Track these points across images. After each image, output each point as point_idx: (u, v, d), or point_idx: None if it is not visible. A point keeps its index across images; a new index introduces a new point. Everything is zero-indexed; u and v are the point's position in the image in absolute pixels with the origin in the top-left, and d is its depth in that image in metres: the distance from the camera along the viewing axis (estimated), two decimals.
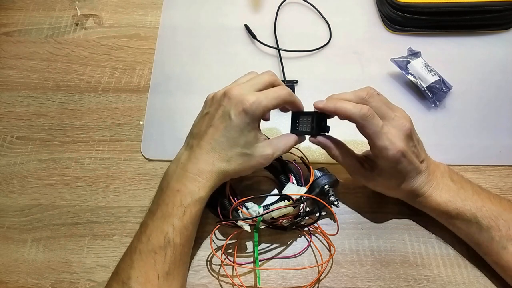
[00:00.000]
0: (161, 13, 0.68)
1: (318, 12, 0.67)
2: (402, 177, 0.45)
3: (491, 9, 0.61)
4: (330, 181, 0.49)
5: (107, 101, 0.61)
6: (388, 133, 0.43)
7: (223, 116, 0.43)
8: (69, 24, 0.68)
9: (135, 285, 0.40)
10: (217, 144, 0.44)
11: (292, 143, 0.48)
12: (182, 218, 0.42)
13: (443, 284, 0.47)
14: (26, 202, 0.53)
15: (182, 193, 0.43)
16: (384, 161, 0.44)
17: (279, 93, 0.45)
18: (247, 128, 0.43)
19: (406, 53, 0.61)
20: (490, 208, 0.45)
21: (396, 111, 0.46)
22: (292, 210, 0.46)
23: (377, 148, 0.44)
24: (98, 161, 0.56)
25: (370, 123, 0.43)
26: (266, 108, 0.43)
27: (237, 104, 0.43)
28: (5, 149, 0.57)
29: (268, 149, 0.45)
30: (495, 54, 0.63)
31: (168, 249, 0.41)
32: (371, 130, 0.43)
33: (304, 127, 0.48)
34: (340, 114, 0.44)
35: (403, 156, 0.43)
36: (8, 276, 0.49)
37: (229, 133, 0.43)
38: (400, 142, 0.43)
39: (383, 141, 0.43)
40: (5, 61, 0.64)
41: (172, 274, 0.41)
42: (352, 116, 0.43)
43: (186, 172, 0.44)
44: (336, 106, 0.44)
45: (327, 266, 0.48)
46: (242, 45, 0.65)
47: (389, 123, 0.44)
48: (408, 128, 0.44)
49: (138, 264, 0.41)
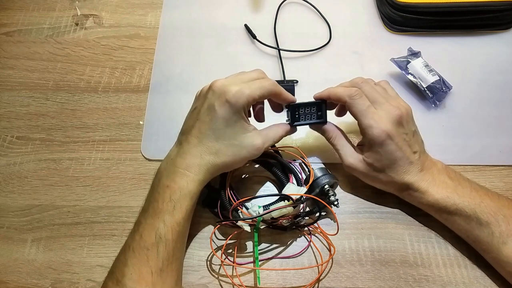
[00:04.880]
0: (161, 13, 0.68)
1: (318, 12, 0.67)
2: (389, 162, 0.46)
3: (491, 9, 0.61)
4: (330, 181, 0.49)
5: (107, 101, 0.61)
6: (374, 113, 0.46)
7: (208, 108, 0.44)
8: (69, 24, 0.68)
9: (129, 283, 0.40)
10: (204, 137, 0.44)
11: (283, 133, 0.48)
12: (172, 213, 0.42)
13: (443, 284, 0.47)
14: (26, 202, 0.53)
15: (172, 188, 0.43)
16: (370, 140, 0.46)
17: (263, 83, 0.45)
18: (233, 119, 0.43)
19: (406, 53, 0.61)
20: (489, 204, 0.45)
21: (392, 101, 0.47)
22: (292, 210, 0.46)
23: (363, 126, 0.46)
24: (98, 161, 0.56)
25: (356, 102, 0.46)
26: (250, 97, 0.43)
27: (220, 95, 0.43)
28: (5, 149, 0.57)
29: (257, 139, 0.45)
30: (495, 54, 0.63)
31: (160, 245, 0.41)
32: (357, 108, 0.46)
33: (309, 117, 0.49)
34: (332, 97, 0.48)
35: (389, 139, 0.45)
36: (8, 276, 0.49)
37: (214, 125, 0.43)
38: (386, 124, 0.45)
39: (368, 119, 0.45)
40: (5, 61, 0.65)
41: (165, 270, 0.41)
42: (341, 97, 0.47)
43: (175, 167, 0.44)
44: (329, 91, 0.49)
45: (327, 266, 0.48)
46: (242, 45, 0.65)
47: (378, 106, 0.46)
48: (398, 114, 0.45)
49: (131, 262, 0.41)
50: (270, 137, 0.46)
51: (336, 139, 0.49)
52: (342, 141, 0.49)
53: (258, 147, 0.45)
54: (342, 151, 0.49)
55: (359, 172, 0.49)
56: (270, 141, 0.46)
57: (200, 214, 0.51)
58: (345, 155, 0.49)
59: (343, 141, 0.49)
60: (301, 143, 0.56)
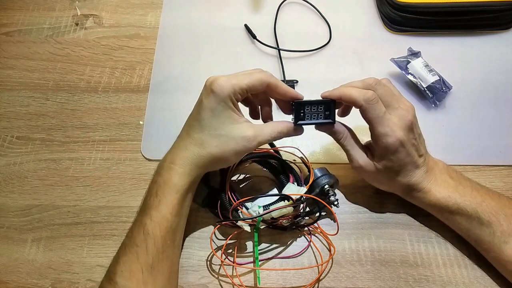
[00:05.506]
0: (161, 13, 0.68)
1: (318, 12, 0.67)
2: (399, 168, 0.45)
3: (491, 9, 0.61)
4: (330, 181, 0.49)
5: (107, 101, 0.61)
6: (389, 120, 0.44)
7: (198, 102, 0.44)
8: (69, 24, 0.68)
9: (120, 280, 0.40)
10: (191, 129, 0.44)
11: (283, 129, 0.45)
12: (158, 208, 0.42)
13: (443, 284, 0.47)
14: (26, 202, 0.53)
15: (158, 183, 0.43)
16: (382, 148, 0.44)
17: (253, 73, 0.43)
18: (218, 108, 0.42)
19: (406, 53, 0.61)
20: (490, 203, 0.45)
21: (401, 102, 0.46)
22: (292, 210, 0.46)
23: (377, 134, 0.44)
24: (98, 161, 0.56)
25: (373, 107, 0.43)
26: (237, 86, 0.42)
27: (207, 87, 0.43)
28: (5, 149, 0.57)
29: (248, 131, 0.43)
30: (495, 54, 0.63)
31: (148, 241, 0.41)
32: (374, 115, 0.43)
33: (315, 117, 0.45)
34: (345, 99, 0.45)
35: (402, 146, 0.44)
36: (8, 276, 0.49)
37: (200, 115, 0.43)
38: (400, 132, 0.44)
39: (384, 127, 0.43)
40: (5, 61, 0.64)
41: (156, 267, 0.41)
42: (356, 100, 0.44)
43: (163, 162, 0.44)
44: (341, 91, 0.45)
45: (327, 266, 0.48)
46: (242, 45, 0.65)
47: (392, 111, 0.44)
48: (410, 120, 0.44)
49: (123, 259, 0.41)
50: (265, 132, 0.44)
51: (346, 140, 0.47)
52: (352, 142, 0.47)
53: (249, 139, 0.42)
54: (352, 152, 0.47)
55: (367, 175, 0.48)
56: (265, 136, 0.44)
57: (200, 214, 0.51)
58: (355, 157, 0.47)
59: (353, 142, 0.47)
60: (302, 143, 0.56)
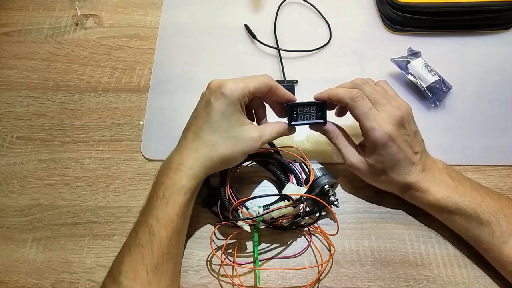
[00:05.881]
0: (161, 13, 0.68)
1: (318, 12, 0.67)
2: (392, 164, 0.46)
3: (491, 9, 0.61)
4: (330, 181, 0.49)
5: (107, 101, 0.61)
6: (376, 115, 0.45)
7: (205, 104, 0.44)
8: (69, 24, 0.68)
9: (124, 280, 0.40)
10: (201, 131, 0.44)
11: (280, 129, 0.48)
12: (165, 210, 0.42)
13: (443, 284, 0.47)
14: (26, 202, 0.53)
15: (165, 184, 0.43)
16: (372, 142, 0.45)
17: (257, 76, 0.45)
18: (228, 111, 0.43)
19: (406, 53, 0.61)
20: (490, 203, 0.45)
21: (393, 101, 0.47)
22: (292, 210, 0.46)
23: (365, 129, 0.46)
24: (98, 161, 0.56)
25: (358, 104, 0.46)
26: (246, 89, 0.44)
27: (216, 90, 0.44)
28: (5, 149, 0.57)
29: (254, 132, 0.45)
30: (495, 54, 0.63)
31: (154, 242, 0.41)
32: (359, 110, 0.46)
33: (308, 118, 0.49)
34: (333, 98, 0.48)
35: (391, 141, 0.45)
36: (8, 276, 0.49)
37: (211, 118, 0.44)
38: (389, 126, 0.45)
39: (371, 122, 0.45)
40: (5, 61, 0.64)
41: (161, 268, 0.41)
42: (342, 98, 0.47)
43: (170, 164, 0.44)
44: (329, 92, 0.48)
45: (327, 266, 0.48)
46: (242, 45, 0.65)
47: (380, 108, 0.46)
48: (399, 116, 0.45)
49: (127, 259, 0.41)
50: (266, 132, 0.46)
51: (337, 138, 0.49)
52: (343, 140, 0.49)
53: (256, 139, 0.45)
54: (344, 150, 0.49)
55: (361, 172, 0.49)
56: (267, 136, 0.46)
57: (200, 214, 0.51)
58: (347, 155, 0.49)
59: (344, 140, 0.49)
60: (301, 143, 0.56)
